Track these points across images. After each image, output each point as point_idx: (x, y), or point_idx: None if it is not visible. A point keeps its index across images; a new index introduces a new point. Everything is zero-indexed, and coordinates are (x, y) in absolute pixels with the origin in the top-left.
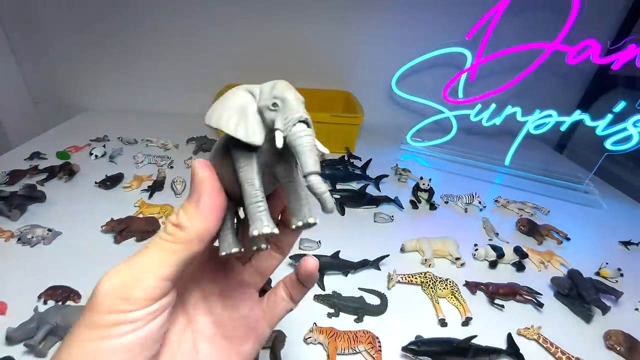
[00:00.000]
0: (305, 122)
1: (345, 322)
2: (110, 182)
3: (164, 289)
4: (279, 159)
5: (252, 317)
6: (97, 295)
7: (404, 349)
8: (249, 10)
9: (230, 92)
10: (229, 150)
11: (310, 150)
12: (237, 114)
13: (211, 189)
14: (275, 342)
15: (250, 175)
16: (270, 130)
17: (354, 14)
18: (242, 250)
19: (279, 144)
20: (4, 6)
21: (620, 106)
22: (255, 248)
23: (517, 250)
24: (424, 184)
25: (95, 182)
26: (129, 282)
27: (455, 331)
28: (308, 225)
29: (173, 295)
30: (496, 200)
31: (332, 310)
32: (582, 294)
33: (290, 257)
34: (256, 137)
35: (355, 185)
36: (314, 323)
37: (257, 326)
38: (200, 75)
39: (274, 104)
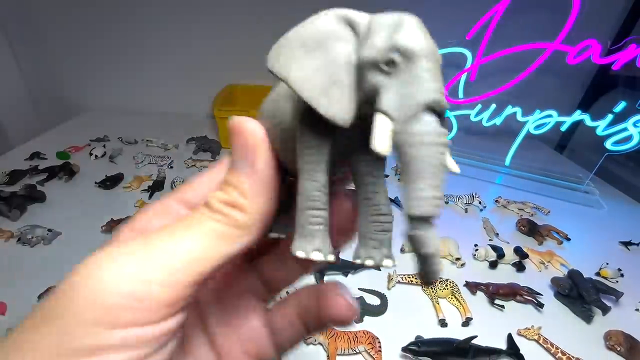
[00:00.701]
0: (438, 111)
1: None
2: (110, 182)
3: (187, 295)
4: (364, 148)
5: (253, 337)
6: (91, 299)
7: (404, 349)
8: (250, 10)
9: (316, 20)
10: (295, 109)
11: (434, 172)
12: (322, 67)
13: (268, 157)
14: None
15: (315, 166)
16: (367, 104)
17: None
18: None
19: (381, 147)
20: (3, 6)
21: (620, 106)
22: (275, 235)
23: (518, 250)
24: None
25: (95, 182)
26: (149, 280)
27: (456, 331)
28: (376, 267)
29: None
30: (496, 201)
31: None
32: (582, 294)
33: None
34: (344, 112)
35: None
36: None
37: (258, 348)
38: (200, 75)
39: (390, 62)
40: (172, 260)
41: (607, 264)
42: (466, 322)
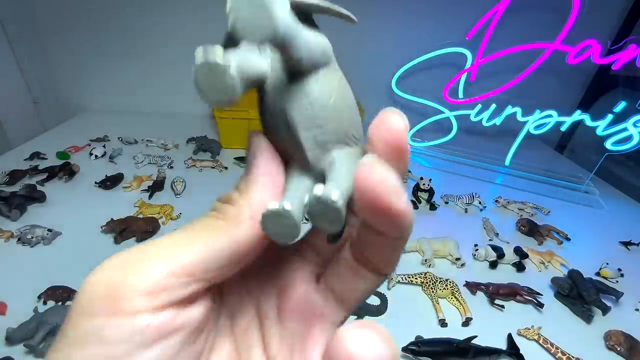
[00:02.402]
0: None
1: (345, 322)
2: (110, 182)
3: (178, 291)
4: None
5: None
6: (80, 290)
7: (404, 349)
8: None
9: None
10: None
11: None
12: None
13: (263, 155)
14: None
15: None
16: None
17: (354, 14)
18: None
19: None
20: (3, 6)
21: (620, 106)
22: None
23: (518, 250)
24: (424, 184)
25: (95, 182)
26: (126, 270)
27: (456, 331)
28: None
29: (203, 310)
30: (496, 201)
31: None
32: (582, 295)
33: None
34: None
35: None
36: None
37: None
38: None
39: None
40: (155, 251)
41: (607, 264)
42: (466, 322)
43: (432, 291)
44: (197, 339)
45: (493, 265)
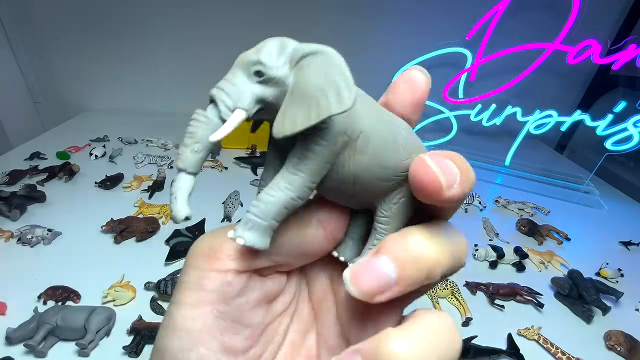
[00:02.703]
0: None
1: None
2: (110, 182)
3: (253, 262)
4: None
5: None
6: (191, 249)
7: None
8: (250, 10)
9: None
10: None
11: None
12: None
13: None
14: None
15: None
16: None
17: (354, 15)
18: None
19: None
20: (3, 6)
21: (620, 106)
22: (335, 254)
23: (518, 250)
24: None
25: (95, 182)
26: (223, 239)
27: None
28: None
29: (275, 281)
30: (496, 201)
31: None
32: (582, 295)
33: None
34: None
35: None
36: None
37: None
38: (200, 75)
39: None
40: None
41: (607, 264)
42: (466, 322)
43: (432, 291)
44: (272, 301)
45: (493, 265)
